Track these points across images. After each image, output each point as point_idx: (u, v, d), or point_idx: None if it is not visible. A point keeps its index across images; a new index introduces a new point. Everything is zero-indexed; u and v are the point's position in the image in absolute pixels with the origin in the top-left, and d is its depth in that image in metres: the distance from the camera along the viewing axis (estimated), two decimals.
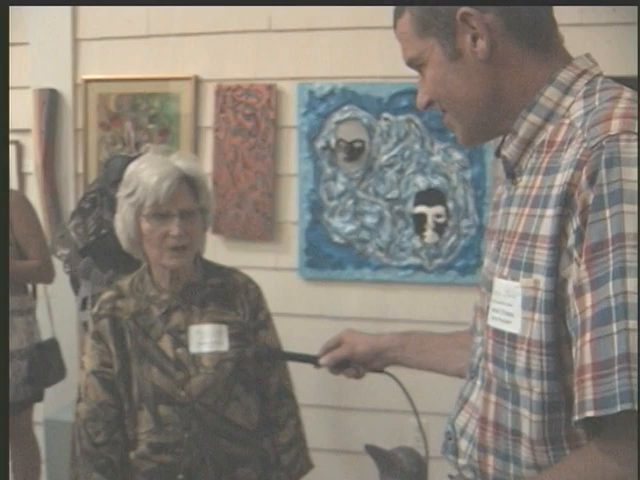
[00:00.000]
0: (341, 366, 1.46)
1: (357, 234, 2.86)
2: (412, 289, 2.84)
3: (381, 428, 2.76)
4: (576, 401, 0.87)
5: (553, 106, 1.01)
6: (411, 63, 1.11)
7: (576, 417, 0.86)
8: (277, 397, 1.93)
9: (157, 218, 1.77)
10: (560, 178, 0.93)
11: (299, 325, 2.79)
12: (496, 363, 1.01)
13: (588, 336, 0.86)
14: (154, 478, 1.79)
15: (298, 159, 2.89)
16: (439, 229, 2.80)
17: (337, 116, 2.84)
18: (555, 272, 0.92)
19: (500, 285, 1.00)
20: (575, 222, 0.89)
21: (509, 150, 1.05)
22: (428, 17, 1.04)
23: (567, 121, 0.98)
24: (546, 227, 0.93)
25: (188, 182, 1.81)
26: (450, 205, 2.78)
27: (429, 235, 2.81)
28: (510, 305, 0.98)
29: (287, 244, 2.94)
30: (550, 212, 0.93)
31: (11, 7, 2.95)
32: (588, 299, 0.87)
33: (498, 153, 1.09)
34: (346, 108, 2.83)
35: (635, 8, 2.41)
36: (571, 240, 0.90)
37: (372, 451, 1.36)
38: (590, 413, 0.84)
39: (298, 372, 1.99)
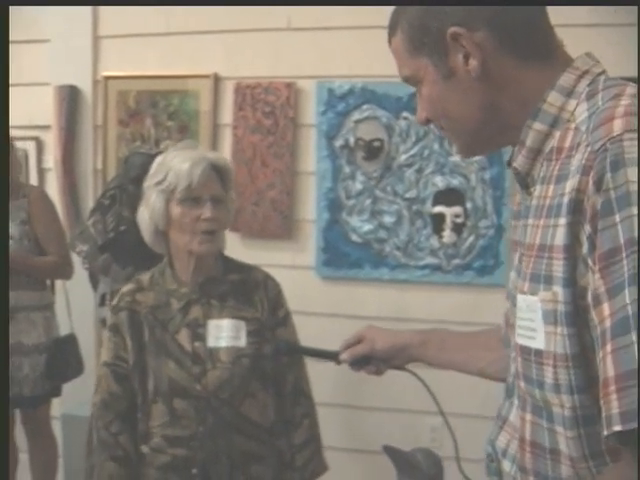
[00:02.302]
0: (361, 362, 1.43)
1: (375, 233, 2.85)
2: (429, 289, 2.83)
3: (396, 428, 2.75)
4: (603, 415, 0.84)
5: (557, 111, 0.98)
6: (407, 81, 1.10)
7: (605, 432, 0.83)
8: (293, 395, 1.93)
9: (189, 202, 1.80)
10: (569, 185, 0.90)
11: (316, 324, 2.78)
12: (527, 381, 0.98)
13: (609, 347, 0.83)
14: (168, 471, 1.80)
15: (317, 157, 2.89)
16: (457, 229, 2.79)
17: (356, 115, 2.83)
18: (572, 282, 0.89)
19: (522, 301, 0.98)
20: (587, 229, 0.87)
21: (518, 161, 1.02)
22: (419, 36, 1.03)
23: (573, 125, 0.96)
24: (560, 236, 0.91)
25: (216, 171, 1.85)
26: (469, 205, 2.77)
27: (447, 235, 2.80)
28: (532, 320, 0.95)
29: (305, 242, 2.94)
30: (562, 221, 0.91)
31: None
32: (606, 309, 0.84)
33: (509, 164, 1.06)
34: (365, 107, 2.83)
35: (636, 9, 2.39)
36: (585, 248, 0.88)
37: (390, 452, 1.35)
38: (617, 427, 0.81)
39: (314, 370, 1.99)
